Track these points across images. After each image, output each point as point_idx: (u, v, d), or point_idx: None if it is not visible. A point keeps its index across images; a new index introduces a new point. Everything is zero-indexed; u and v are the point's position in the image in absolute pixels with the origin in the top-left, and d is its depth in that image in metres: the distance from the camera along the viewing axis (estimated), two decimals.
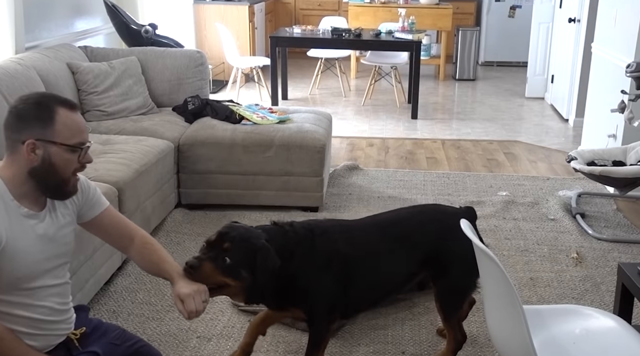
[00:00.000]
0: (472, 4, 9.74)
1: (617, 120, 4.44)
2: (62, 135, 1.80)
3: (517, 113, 7.02)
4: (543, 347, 2.07)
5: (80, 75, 4.18)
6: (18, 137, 1.79)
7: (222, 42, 7.24)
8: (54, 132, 1.79)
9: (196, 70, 4.78)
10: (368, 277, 2.46)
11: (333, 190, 4.57)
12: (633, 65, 3.84)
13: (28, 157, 1.78)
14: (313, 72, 7.99)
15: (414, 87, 6.74)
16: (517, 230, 3.99)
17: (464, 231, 2.03)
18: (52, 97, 1.86)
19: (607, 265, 3.56)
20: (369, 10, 8.30)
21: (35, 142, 1.77)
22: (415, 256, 2.50)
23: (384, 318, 3.01)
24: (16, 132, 1.79)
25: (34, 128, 1.78)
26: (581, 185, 4.70)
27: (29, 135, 1.77)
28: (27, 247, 1.81)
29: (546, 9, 7.39)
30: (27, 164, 1.79)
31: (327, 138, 4.25)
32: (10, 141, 1.81)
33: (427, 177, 4.88)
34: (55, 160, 1.80)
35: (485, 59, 9.68)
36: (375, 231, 2.53)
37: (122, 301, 3.11)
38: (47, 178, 1.82)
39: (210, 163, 4.08)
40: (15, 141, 1.79)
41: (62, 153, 1.81)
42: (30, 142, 1.77)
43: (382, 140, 5.91)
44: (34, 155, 1.78)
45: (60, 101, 1.84)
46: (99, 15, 5.31)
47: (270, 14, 9.45)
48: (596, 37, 5.19)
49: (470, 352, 2.80)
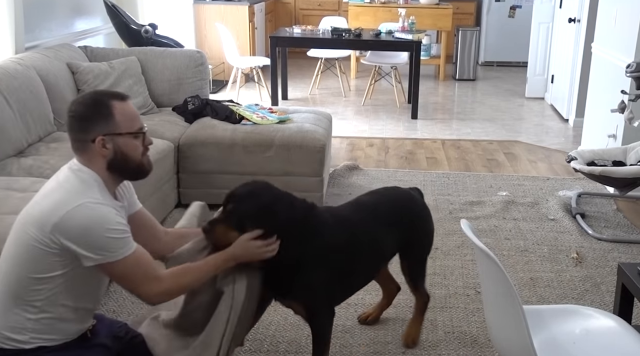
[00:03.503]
0: (472, 4, 9.74)
1: (617, 120, 4.44)
2: (124, 125, 1.95)
3: (517, 114, 7.02)
4: (543, 347, 2.07)
5: (80, 75, 4.18)
6: (86, 137, 1.93)
7: (222, 42, 7.24)
8: (116, 124, 1.94)
9: (196, 70, 4.78)
10: (363, 266, 2.50)
11: (333, 190, 4.57)
12: (633, 65, 3.84)
13: (101, 152, 1.93)
14: (313, 72, 7.99)
15: (414, 87, 6.74)
16: (517, 230, 3.99)
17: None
18: (104, 93, 2.02)
19: (607, 265, 3.56)
20: (369, 10, 8.30)
21: (104, 138, 1.93)
22: (395, 237, 2.61)
23: (384, 318, 3.01)
24: (84, 133, 1.94)
25: (98, 126, 1.93)
26: (581, 185, 4.70)
27: (96, 133, 1.92)
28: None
29: (546, 9, 7.39)
30: (102, 159, 1.94)
31: (327, 138, 4.25)
32: (79, 143, 1.95)
33: (427, 177, 4.88)
34: (125, 149, 1.96)
35: (485, 59, 9.68)
36: (367, 217, 2.54)
37: (122, 301, 3.10)
38: (124, 167, 1.98)
39: (210, 163, 4.08)
40: (85, 142, 1.94)
41: (129, 141, 1.97)
42: (100, 138, 1.92)
43: (382, 140, 5.91)
44: (106, 149, 1.93)
45: (113, 95, 1.99)
46: (99, 15, 5.31)
47: (270, 14, 9.45)
48: (596, 37, 5.18)
49: (470, 352, 2.80)
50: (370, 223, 2.52)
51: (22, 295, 1.89)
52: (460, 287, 3.31)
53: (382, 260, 2.68)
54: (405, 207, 2.68)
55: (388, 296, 3.00)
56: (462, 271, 3.48)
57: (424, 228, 2.75)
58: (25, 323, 1.90)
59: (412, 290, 2.82)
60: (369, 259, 2.53)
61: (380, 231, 2.53)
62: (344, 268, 2.38)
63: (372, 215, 2.55)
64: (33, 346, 1.90)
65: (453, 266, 3.51)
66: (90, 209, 1.84)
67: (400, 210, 2.66)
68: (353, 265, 2.43)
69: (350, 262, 2.41)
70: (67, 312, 1.94)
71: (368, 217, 2.54)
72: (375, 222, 2.54)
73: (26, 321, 1.90)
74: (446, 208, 4.29)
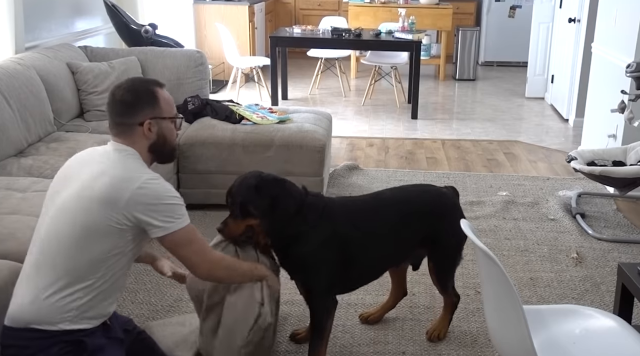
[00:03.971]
0: (472, 4, 9.74)
1: (617, 120, 4.44)
2: (166, 110, 2.15)
3: (517, 113, 7.02)
4: (543, 347, 2.07)
5: (80, 75, 4.18)
6: (133, 120, 2.08)
7: (222, 42, 7.24)
8: (161, 109, 2.13)
9: (196, 70, 4.78)
10: (371, 257, 2.53)
11: (333, 190, 4.57)
12: (633, 65, 3.84)
13: (147, 134, 2.10)
14: (313, 72, 7.99)
15: (414, 87, 6.74)
16: (517, 230, 3.99)
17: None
18: (148, 81, 2.19)
19: (607, 265, 3.56)
20: (369, 10, 8.30)
21: (151, 121, 2.09)
22: (417, 234, 2.62)
23: (384, 318, 3.01)
24: (131, 117, 2.08)
25: (146, 110, 2.09)
26: (581, 185, 4.70)
27: (144, 117, 2.09)
28: None
29: (546, 9, 7.38)
30: (146, 142, 2.11)
31: (327, 138, 4.25)
32: (124, 126, 2.09)
33: (427, 177, 4.88)
34: (166, 132, 2.15)
35: (485, 59, 9.67)
36: (383, 210, 2.58)
37: (122, 301, 3.10)
38: (163, 149, 2.16)
39: (210, 163, 4.08)
40: (131, 125, 2.09)
41: (169, 125, 2.16)
42: (148, 121, 2.09)
43: (382, 140, 5.91)
44: (151, 132, 2.10)
45: (155, 82, 2.17)
46: (99, 15, 5.31)
47: (270, 14, 9.45)
48: (596, 37, 5.18)
49: (470, 352, 2.80)
50: (384, 217, 2.54)
51: (79, 278, 1.98)
52: (460, 287, 3.30)
53: (395, 256, 2.68)
54: (430, 205, 2.66)
55: (394, 299, 2.99)
56: (462, 271, 3.47)
57: (451, 229, 2.59)
58: (71, 304, 1.98)
59: (439, 290, 2.85)
60: (378, 252, 2.54)
61: (395, 226, 2.54)
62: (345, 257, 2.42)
63: (388, 210, 2.57)
64: (72, 328, 1.99)
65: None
66: (155, 182, 2.02)
67: (424, 207, 2.64)
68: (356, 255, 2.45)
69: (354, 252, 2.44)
70: (110, 290, 2.07)
71: (383, 210, 2.56)
72: (390, 216, 2.55)
73: (73, 302, 1.98)
74: None
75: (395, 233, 2.55)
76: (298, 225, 2.36)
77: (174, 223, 2.02)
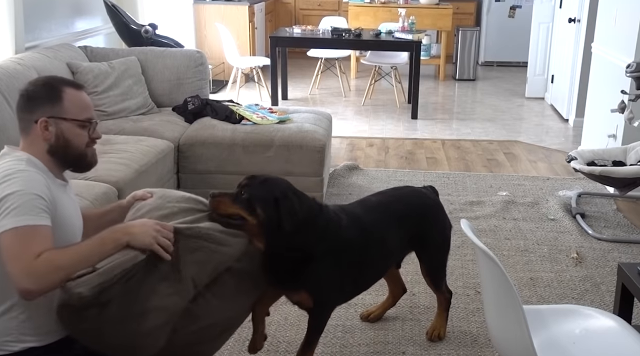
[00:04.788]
0: (472, 4, 9.73)
1: (617, 120, 4.44)
2: (71, 111, 1.94)
3: (517, 113, 7.02)
4: (543, 347, 2.07)
5: (80, 75, 4.18)
6: (31, 117, 1.94)
7: (222, 42, 7.24)
8: (63, 109, 1.94)
9: (196, 70, 4.78)
10: (375, 264, 2.53)
11: (333, 190, 4.57)
12: (633, 65, 3.84)
13: (43, 134, 1.92)
14: (313, 72, 7.99)
15: (414, 87, 6.74)
16: (517, 230, 3.99)
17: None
18: (59, 79, 2.03)
19: (607, 265, 3.56)
20: (369, 10, 8.30)
21: (47, 120, 1.92)
22: (406, 235, 2.63)
23: (383, 318, 3.01)
24: (29, 113, 1.95)
25: (44, 107, 1.93)
26: (581, 185, 4.70)
27: (40, 114, 1.92)
28: (70, 214, 1.96)
29: (546, 9, 7.38)
30: (44, 143, 1.93)
31: (327, 138, 4.25)
32: (24, 122, 1.96)
33: (427, 177, 4.88)
34: (68, 135, 1.95)
35: (485, 59, 9.67)
36: (380, 217, 2.56)
37: None
38: (65, 154, 1.96)
39: (210, 163, 4.08)
40: (28, 121, 1.94)
41: (73, 128, 1.95)
42: (43, 119, 1.92)
43: (382, 140, 5.91)
44: (48, 132, 1.92)
45: (67, 82, 2.01)
46: (99, 15, 5.31)
47: (270, 14, 9.45)
48: (596, 37, 5.19)
49: (470, 352, 2.80)
50: (381, 222, 2.53)
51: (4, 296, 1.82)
52: (460, 287, 3.31)
53: (391, 259, 2.70)
54: (415, 205, 2.69)
55: (393, 297, 3.01)
56: (462, 271, 3.48)
57: (436, 226, 2.74)
58: (8, 323, 1.84)
59: (432, 290, 2.87)
60: (379, 258, 2.55)
61: (390, 230, 2.55)
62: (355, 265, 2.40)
63: (382, 214, 2.56)
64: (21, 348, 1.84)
65: (453, 266, 3.50)
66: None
67: (410, 208, 2.67)
68: (364, 263, 2.45)
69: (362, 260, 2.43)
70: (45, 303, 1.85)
71: (379, 216, 2.55)
72: (385, 221, 2.55)
73: (9, 321, 1.83)
74: (446, 208, 4.24)
75: (389, 237, 2.55)
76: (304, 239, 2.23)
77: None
